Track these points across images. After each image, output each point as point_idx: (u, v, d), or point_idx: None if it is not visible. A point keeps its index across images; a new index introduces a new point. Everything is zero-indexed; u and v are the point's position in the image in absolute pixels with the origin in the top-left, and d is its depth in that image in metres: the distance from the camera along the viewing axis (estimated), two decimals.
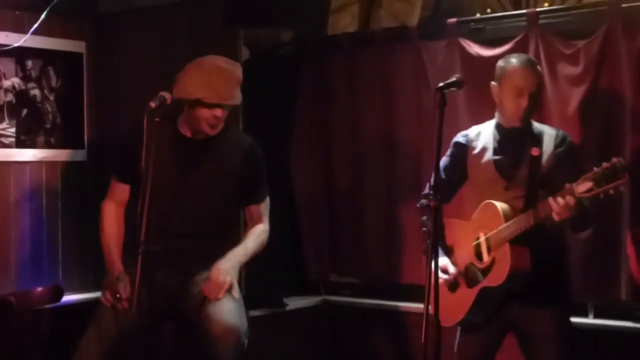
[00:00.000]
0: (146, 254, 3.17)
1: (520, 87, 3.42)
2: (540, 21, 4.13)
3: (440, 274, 3.43)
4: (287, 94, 4.99)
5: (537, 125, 3.55)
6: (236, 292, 3.58)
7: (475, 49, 4.31)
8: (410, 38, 4.59)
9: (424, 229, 3.67)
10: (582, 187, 3.10)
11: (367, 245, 4.81)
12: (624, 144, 3.89)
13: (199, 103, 3.56)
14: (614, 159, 3.04)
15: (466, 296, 3.51)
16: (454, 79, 3.16)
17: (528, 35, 4.14)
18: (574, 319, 4.07)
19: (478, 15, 4.63)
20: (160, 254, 3.30)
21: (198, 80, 3.56)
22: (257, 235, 3.77)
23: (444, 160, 3.64)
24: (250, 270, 4.13)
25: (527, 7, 4.76)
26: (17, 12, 4.63)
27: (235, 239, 3.81)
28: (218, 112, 3.59)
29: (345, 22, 5.18)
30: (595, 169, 3.08)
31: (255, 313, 4.44)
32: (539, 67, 3.53)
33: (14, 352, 4.30)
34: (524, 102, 3.42)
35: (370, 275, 4.84)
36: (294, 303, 4.89)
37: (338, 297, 5.02)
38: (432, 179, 3.58)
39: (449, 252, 3.61)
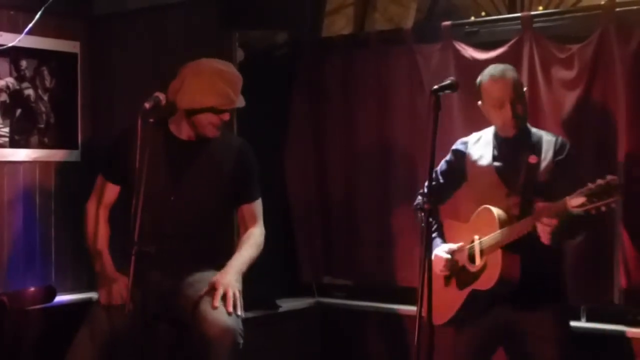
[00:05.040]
0: (139, 254, 3.17)
1: (497, 100, 3.49)
2: (535, 25, 4.14)
3: (444, 255, 3.58)
4: (281, 96, 4.99)
5: (535, 132, 3.59)
6: (238, 305, 3.54)
7: (470, 52, 4.32)
8: (404, 41, 4.59)
9: (423, 224, 3.76)
10: (575, 201, 3.14)
11: (360, 247, 4.81)
12: (618, 147, 3.90)
13: (210, 110, 3.56)
14: (609, 177, 3.07)
15: (456, 297, 3.55)
16: (448, 81, 3.17)
17: (522, 39, 4.14)
18: None
19: (472, 18, 4.64)
20: (153, 255, 3.29)
21: (206, 88, 3.55)
22: (253, 242, 3.75)
23: (441, 165, 3.77)
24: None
25: (521, 10, 4.78)
26: (12, 12, 4.62)
27: (229, 240, 3.81)
28: (227, 116, 3.63)
29: (340, 24, 5.19)
30: (589, 184, 3.11)
31: (248, 314, 4.41)
32: (511, 72, 3.54)
33: (7, 352, 4.29)
34: (507, 112, 3.48)
35: (364, 278, 4.85)
36: (287, 305, 4.89)
37: (331, 299, 5.02)
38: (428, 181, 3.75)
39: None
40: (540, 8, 4.75)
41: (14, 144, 4.66)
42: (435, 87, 3.11)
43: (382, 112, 4.69)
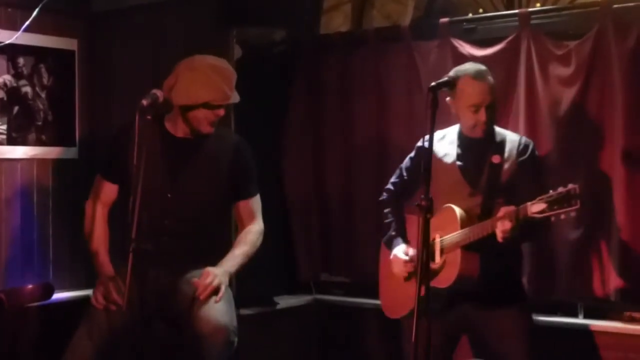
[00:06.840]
0: (137, 252, 3.17)
1: (476, 104, 3.47)
2: (532, 21, 4.13)
3: (402, 256, 3.67)
4: (279, 93, 4.98)
5: (499, 132, 3.62)
6: (220, 296, 3.52)
7: (467, 49, 4.31)
8: (402, 38, 4.59)
9: (386, 220, 3.87)
10: (536, 207, 3.17)
11: (358, 244, 4.81)
12: (615, 144, 3.90)
13: (205, 106, 3.57)
14: (570, 186, 3.09)
15: (415, 292, 3.55)
16: (446, 78, 3.17)
17: (520, 36, 4.15)
18: (564, 319, 4.13)
19: (470, 15, 4.64)
20: (151, 252, 3.29)
21: (201, 84, 3.56)
22: (249, 239, 3.76)
23: (406, 162, 3.83)
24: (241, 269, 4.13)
25: (519, 7, 4.78)
26: (9, 9, 4.62)
27: (226, 237, 3.81)
28: (221, 111, 3.63)
29: (337, 22, 5.20)
30: (551, 191, 3.14)
31: (245, 312, 4.44)
32: (490, 75, 3.53)
33: (4, 349, 4.29)
34: (482, 116, 3.49)
35: (362, 275, 4.84)
36: (284, 302, 4.90)
37: (329, 296, 5.02)
38: (394, 177, 3.88)
39: (407, 243, 3.75)
40: (538, 5, 4.75)
41: (11, 141, 4.66)
42: (433, 84, 3.11)
43: (379, 109, 4.69)
